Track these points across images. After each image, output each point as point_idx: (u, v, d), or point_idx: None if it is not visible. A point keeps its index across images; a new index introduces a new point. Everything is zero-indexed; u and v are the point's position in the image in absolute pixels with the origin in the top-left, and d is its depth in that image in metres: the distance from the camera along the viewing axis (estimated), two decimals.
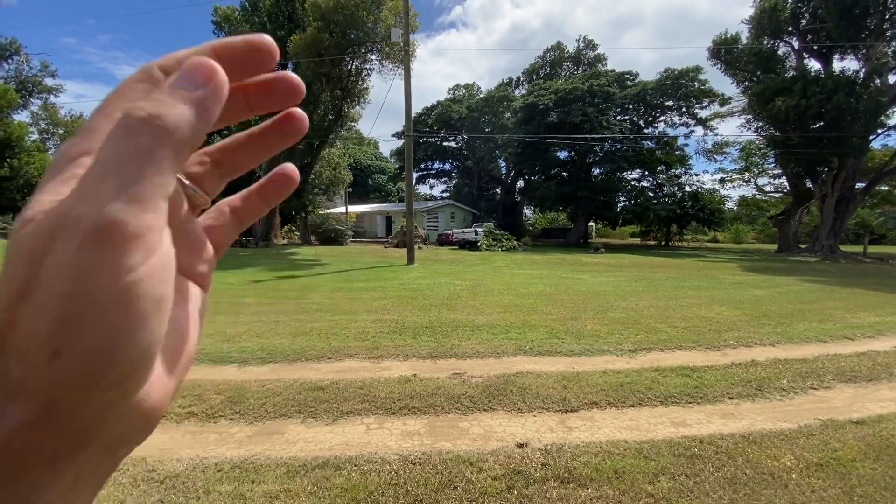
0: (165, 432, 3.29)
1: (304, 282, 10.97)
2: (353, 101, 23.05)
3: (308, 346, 5.39)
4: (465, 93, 43.79)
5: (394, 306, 7.84)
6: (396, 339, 5.76)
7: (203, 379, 4.30)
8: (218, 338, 5.70)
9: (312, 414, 3.60)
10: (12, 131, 30.81)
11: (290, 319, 6.74)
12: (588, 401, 3.91)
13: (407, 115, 15.63)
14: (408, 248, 15.72)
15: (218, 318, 6.76)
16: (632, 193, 34.43)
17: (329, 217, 27.77)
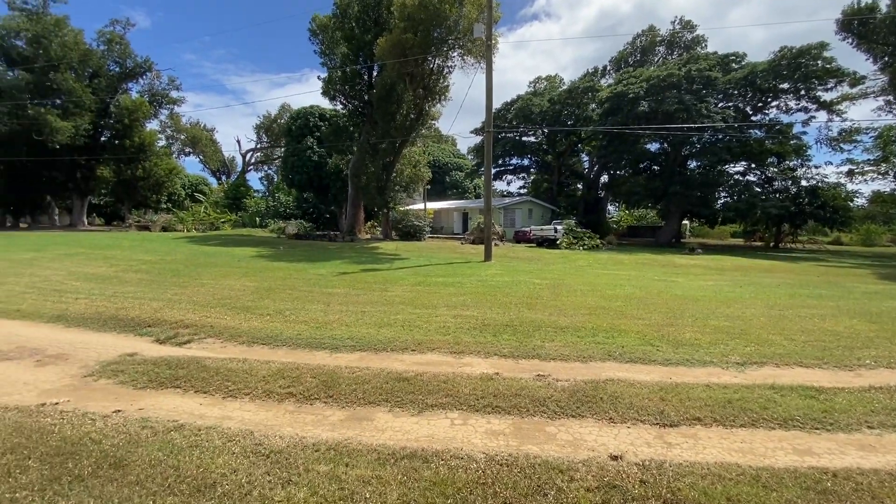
0: (269, 409, 3.58)
1: (386, 275, 11.40)
2: (434, 100, 23.44)
3: (392, 337, 5.57)
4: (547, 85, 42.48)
5: (473, 302, 7.84)
6: (477, 335, 5.74)
7: (300, 362, 4.62)
8: (312, 325, 6.11)
9: (399, 404, 3.70)
10: (145, 138, 35.90)
11: (375, 310, 7.03)
12: (690, 416, 3.56)
13: (487, 109, 15.53)
14: (485, 244, 15.66)
15: (311, 306, 7.26)
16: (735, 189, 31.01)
17: (408, 213, 28.61)
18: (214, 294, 8.10)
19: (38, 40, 30.11)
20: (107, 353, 4.83)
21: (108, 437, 2.95)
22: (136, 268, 11.54)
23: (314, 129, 32.19)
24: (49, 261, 12.77)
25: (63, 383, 4.00)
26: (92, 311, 6.54)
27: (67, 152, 30.78)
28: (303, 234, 27.10)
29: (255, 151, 62.24)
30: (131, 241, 20.86)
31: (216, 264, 12.77)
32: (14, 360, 4.58)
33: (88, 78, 33.14)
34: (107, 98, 33.83)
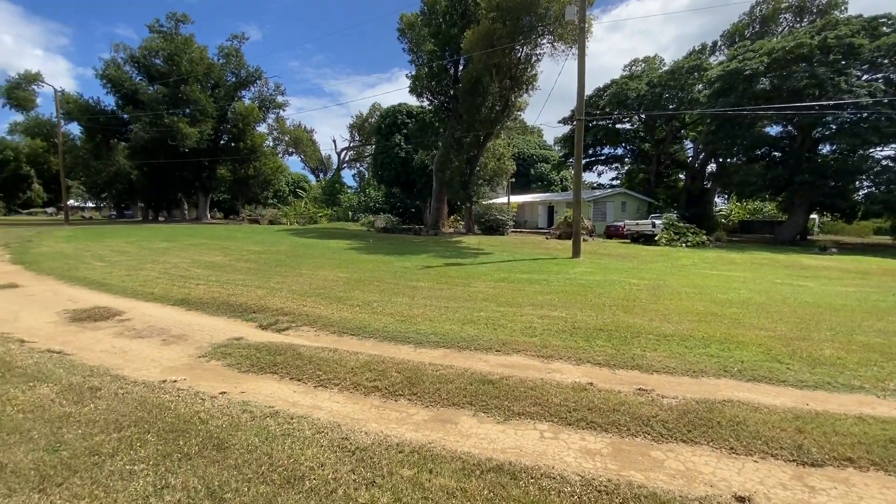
0: (356, 402, 3.61)
1: (469, 270, 11.29)
2: (520, 90, 22.78)
3: (476, 335, 5.40)
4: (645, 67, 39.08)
5: (561, 302, 7.38)
6: (566, 339, 5.34)
7: (386, 356, 4.65)
8: (397, 318, 6.17)
9: (484, 408, 3.51)
10: (256, 140, 39.88)
11: (459, 306, 6.92)
12: (838, 455, 2.90)
13: (579, 96, 14.63)
14: (573, 239, 14.84)
15: (397, 299, 7.37)
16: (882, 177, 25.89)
17: (491, 207, 28.27)
18: (311, 284, 8.62)
19: (171, 58, 34.84)
20: (218, 335, 5.30)
21: (214, 418, 3.16)
22: (245, 257, 12.79)
23: (402, 126, 33.20)
24: (178, 250, 14.68)
25: (181, 362, 4.44)
26: (208, 297, 7.29)
27: (194, 155, 35.32)
28: (390, 228, 28.17)
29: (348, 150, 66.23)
30: (243, 233, 23.31)
31: (313, 256, 13.69)
32: (146, 339, 5.21)
33: (210, 88, 37.62)
34: (225, 105, 38.16)
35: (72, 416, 3.11)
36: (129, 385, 3.73)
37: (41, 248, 14.34)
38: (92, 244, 16.18)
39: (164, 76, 34.66)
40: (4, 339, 4.88)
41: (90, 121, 36.34)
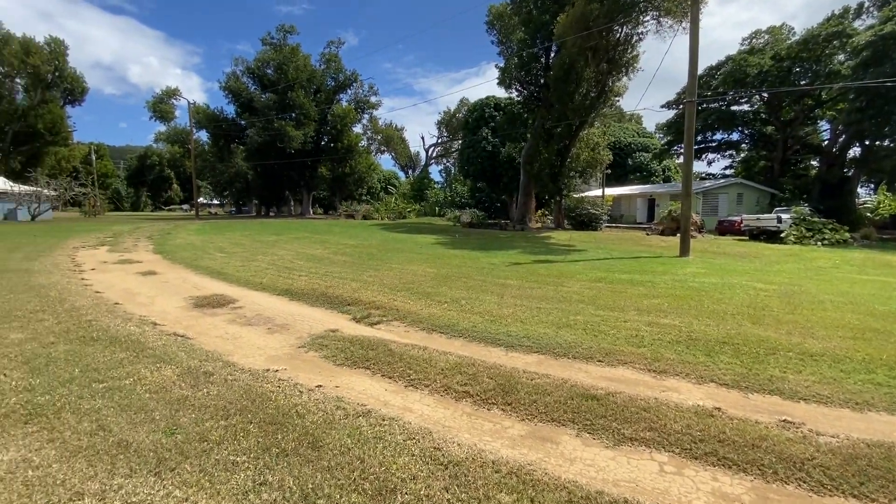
0: (447, 408, 3.43)
1: (561, 268, 10.66)
2: (618, 73, 21.11)
3: (574, 341, 4.94)
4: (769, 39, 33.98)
5: (671, 308, 6.56)
6: (682, 352, 4.66)
7: (476, 358, 4.43)
8: (486, 317, 5.93)
9: (588, 428, 3.11)
10: (352, 140, 42.30)
11: (552, 307, 6.47)
12: None
13: (691, 74, 13.04)
14: (682, 236, 13.33)
15: (485, 297, 7.13)
16: None
17: (583, 201, 26.73)
18: (401, 278, 8.74)
19: (280, 67, 38.24)
20: (316, 327, 5.51)
21: (310, 413, 3.18)
22: (342, 251, 13.49)
23: (489, 119, 32.84)
24: (284, 243, 15.99)
25: (283, 352, 4.64)
26: (309, 288, 7.71)
27: (299, 156, 38.51)
28: (476, 223, 28.07)
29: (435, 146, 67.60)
30: (340, 228, 24.83)
31: (402, 250, 14.02)
32: (254, 326, 5.58)
33: (313, 93, 40.66)
34: (325, 108, 41.00)
35: (188, 400, 3.34)
36: (237, 372, 3.96)
37: (176, 240, 16.55)
38: (215, 237, 18.34)
39: (273, 84, 38.23)
40: (141, 322, 5.54)
41: (215, 128, 41.44)
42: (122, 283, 8.24)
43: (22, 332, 4.96)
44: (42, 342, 4.62)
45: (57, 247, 13.61)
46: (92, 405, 3.21)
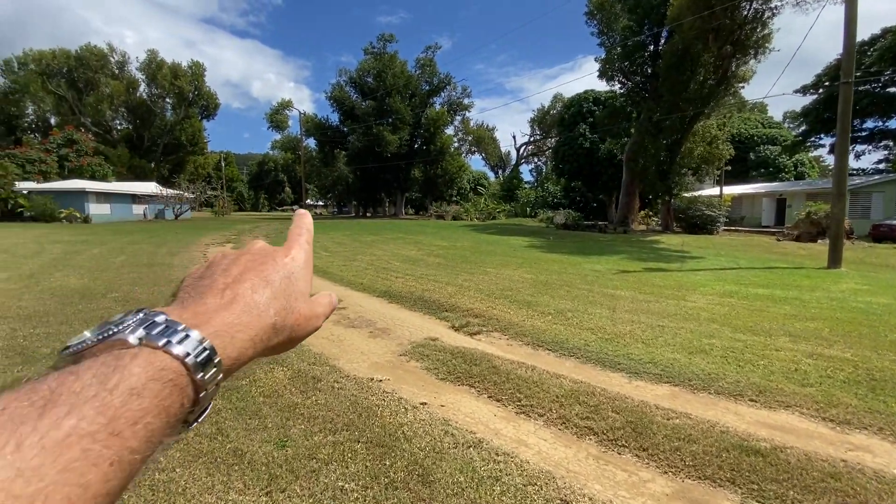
0: (568, 445, 2.97)
1: (678, 278, 9.45)
2: (744, 56, 18.48)
3: (713, 371, 4.15)
4: None
5: (836, 335, 5.31)
6: (865, 396, 3.65)
7: (594, 384, 3.88)
8: (599, 334, 5.30)
9: (757, 496, 2.45)
10: (444, 142, 42.97)
11: (677, 326, 5.62)
12: None
13: (847, 51, 10.80)
14: (832, 243, 11.10)
15: (594, 310, 6.46)
16: None
17: (696, 200, 23.93)
18: (497, 284, 8.37)
19: (379, 75, 40.14)
20: (416, 333, 5.36)
21: (417, 437, 2.94)
22: (435, 253, 13.52)
23: (587, 114, 31.09)
24: (381, 243, 16.55)
25: (385, 359, 4.53)
26: (406, 291, 7.69)
27: (394, 159, 40.11)
28: (571, 224, 26.69)
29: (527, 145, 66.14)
30: (431, 229, 25.24)
31: (495, 253, 13.65)
32: (356, 329, 5.61)
33: (408, 98, 42.07)
34: (419, 112, 42.20)
35: (298, 408, 3.30)
36: (343, 379, 3.89)
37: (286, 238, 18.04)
38: (320, 236, 19.66)
39: (373, 91, 40.30)
40: None
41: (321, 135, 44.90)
42: None
43: None
44: None
45: (192, 243, 15.55)
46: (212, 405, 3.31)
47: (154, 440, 0.27)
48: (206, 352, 0.31)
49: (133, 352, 0.29)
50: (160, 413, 0.28)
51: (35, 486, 0.21)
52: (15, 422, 0.23)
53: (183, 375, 0.30)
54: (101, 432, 0.24)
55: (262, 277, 0.39)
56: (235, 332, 0.35)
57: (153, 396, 0.27)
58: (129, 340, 0.30)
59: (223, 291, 0.37)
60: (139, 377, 0.27)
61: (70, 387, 0.25)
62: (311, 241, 0.49)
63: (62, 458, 0.22)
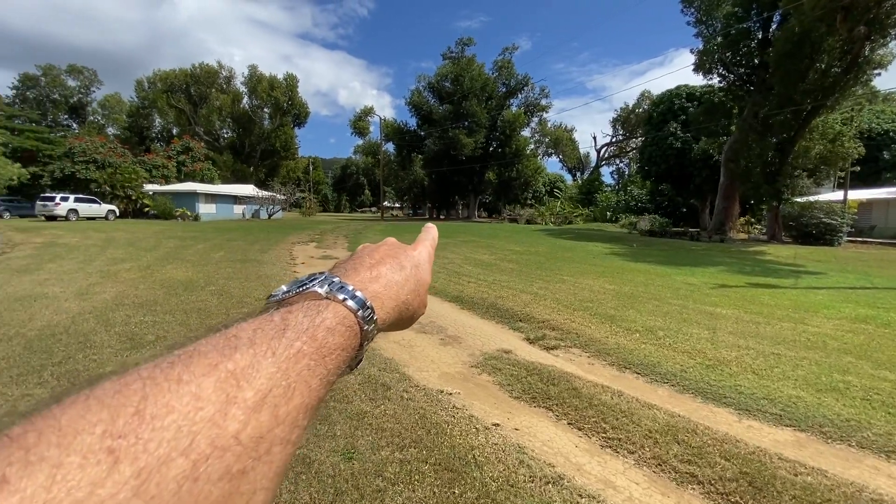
0: (666, 493, 2.53)
1: (794, 296, 8.17)
2: (883, 37, 15.72)
3: (854, 417, 3.38)
4: None
5: None
6: None
7: (696, 421, 3.34)
8: (699, 359, 4.64)
9: None
10: (520, 144, 42.19)
11: (797, 356, 4.75)
12: None
13: None
14: None
15: (690, 329, 5.72)
16: None
17: (811, 206, 20.84)
18: (575, 294, 7.83)
19: (457, 79, 40.48)
20: (488, 343, 5.10)
21: (489, 463, 2.68)
22: (508, 257, 13.14)
23: (678, 112, 28.66)
24: (454, 246, 16.50)
25: (455, 370, 4.32)
26: (478, 297, 7.45)
27: (469, 162, 40.20)
28: (657, 231, 24.69)
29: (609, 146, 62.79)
30: (505, 232, 24.79)
31: (573, 259, 12.93)
32: (427, 334, 5.48)
33: (485, 101, 41.95)
34: (495, 115, 41.90)
35: (366, 417, 3.20)
36: (413, 389, 3.75)
37: (365, 240, 18.66)
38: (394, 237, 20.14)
39: (450, 96, 40.77)
40: None
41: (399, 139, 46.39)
42: None
43: None
44: None
45: (281, 241, 16.70)
46: None
47: (340, 369, 0.35)
48: (369, 309, 0.39)
49: (325, 302, 0.37)
50: (345, 349, 0.35)
51: (287, 381, 0.29)
52: (268, 337, 0.31)
53: (356, 325, 0.37)
54: (315, 354, 0.32)
55: (398, 263, 0.48)
56: (384, 300, 0.42)
57: (341, 336, 0.35)
58: (319, 292, 0.38)
59: (371, 269, 0.45)
60: (331, 321, 0.35)
61: (292, 320, 0.33)
62: (434, 246, 0.59)
63: (297, 366, 0.30)
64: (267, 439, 0.27)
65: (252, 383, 0.27)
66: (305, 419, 0.30)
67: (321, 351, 0.32)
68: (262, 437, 0.26)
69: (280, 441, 0.27)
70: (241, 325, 0.32)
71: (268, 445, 0.27)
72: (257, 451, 0.26)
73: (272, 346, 0.30)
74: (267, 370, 0.29)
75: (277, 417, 0.28)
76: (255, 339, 0.30)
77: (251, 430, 0.26)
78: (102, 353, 4.39)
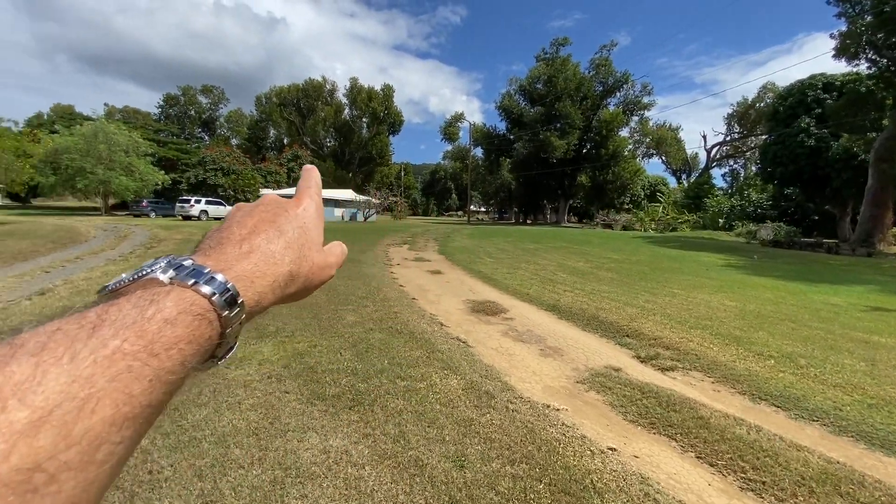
0: None
1: None
2: None
3: None
4: None
5: None
6: None
7: (858, 468, 2.78)
8: (855, 394, 3.90)
9: None
10: (617, 145, 39.84)
11: None
12: None
13: None
14: None
15: (840, 359, 4.85)
16: None
17: None
18: (689, 309, 7.10)
19: (549, 80, 39.50)
20: (593, 358, 4.80)
21: (610, 492, 2.48)
22: (606, 266, 12.40)
23: (812, 105, 24.87)
24: (544, 252, 16.04)
25: (560, 384, 4.12)
26: (577, 307, 7.10)
27: (559, 164, 38.93)
28: (782, 241, 21.62)
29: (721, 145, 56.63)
30: (599, 239, 23.53)
31: (682, 270, 11.80)
32: (525, 343, 5.32)
33: (579, 101, 40.37)
34: (590, 115, 40.09)
35: (473, 425, 3.17)
36: (517, 401, 3.64)
37: (454, 243, 18.96)
38: (483, 242, 20.17)
39: (542, 98, 39.93)
40: (431, 321, 6.09)
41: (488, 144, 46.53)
42: (416, 279, 9.66)
43: (353, 314, 6.16)
44: (365, 327, 5.56)
45: (376, 243, 17.61)
46: (395, 405, 3.42)
47: (187, 364, 0.30)
48: (229, 292, 0.34)
49: (166, 289, 0.32)
50: (191, 341, 0.31)
51: (88, 391, 0.24)
52: (69, 338, 0.26)
53: (210, 311, 0.33)
54: (142, 352, 0.27)
55: (276, 228, 0.42)
56: (254, 279, 0.37)
57: (185, 326, 0.31)
58: (161, 279, 0.33)
59: (241, 243, 0.39)
60: (171, 310, 0.30)
61: (113, 314, 0.29)
62: (320, 194, 0.53)
63: (110, 370, 0.26)
64: (47, 468, 0.22)
65: (28, 400, 0.22)
66: (125, 431, 0.26)
67: (152, 347, 0.28)
68: (37, 466, 0.21)
69: (76, 466, 0.23)
70: (37, 329, 0.27)
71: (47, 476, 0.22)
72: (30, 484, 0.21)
73: (73, 349, 0.25)
74: (55, 381, 0.24)
75: (69, 438, 0.23)
76: (49, 344, 0.25)
77: (18, 461, 0.21)
78: None
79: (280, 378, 3.86)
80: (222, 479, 2.44)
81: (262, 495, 2.32)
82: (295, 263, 0.41)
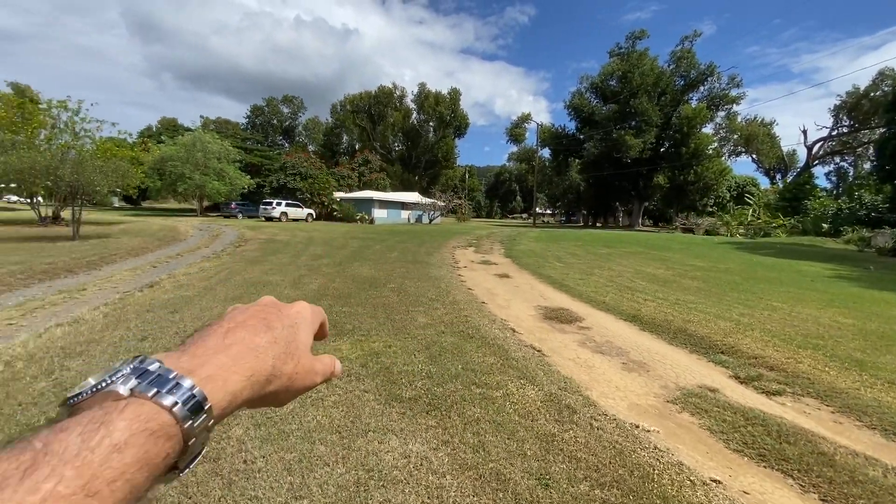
0: None
1: None
2: None
3: None
4: None
5: None
6: None
7: None
8: None
9: None
10: (700, 142, 36.86)
11: None
12: None
13: None
14: None
15: None
16: None
17: None
18: (793, 326, 6.30)
19: (624, 76, 37.53)
20: (683, 376, 4.39)
21: None
22: (690, 274, 11.45)
23: None
24: (618, 257, 15.19)
25: (648, 402, 3.81)
26: (660, 318, 6.59)
27: (634, 165, 36.83)
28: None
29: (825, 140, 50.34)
30: (678, 244, 21.88)
31: (780, 281, 10.58)
32: (605, 356, 5.01)
33: (657, 97, 37.93)
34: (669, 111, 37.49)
35: (555, 440, 3.00)
36: (601, 417, 3.41)
37: (520, 246, 18.60)
38: (551, 245, 19.57)
39: (616, 95, 38.06)
40: (503, 326, 5.95)
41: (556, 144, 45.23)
42: (484, 282, 9.56)
43: (424, 316, 6.20)
44: (436, 329, 5.56)
45: (443, 245, 17.76)
46: (472, 413, 3.35)
47: (138, 492, 0.28)
48: (194, 399, 0.32)
49: (122, 404, 0.30)
50: (142, 467, 0.28)
51: None
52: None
53: (171, 425, 0.31)
54: (78, 494, 0.25)
55: (264, 323, 0.41)
56: (230, 374, 0.36)
57: (137, 449, 0.28)
58: (120, 392, 0.31)
59: (225, 334, 0.39)
60: (123, 432, 0.28)
61: (56, 446, 0.27)
62: (322, 313, 0.55)
63: None
64: None
65: None
66: None
67: (91, 486, 0.25)
68: None
69: None
70: None
71: None
72: None
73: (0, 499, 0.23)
74: None
75: None
76: None
77: None
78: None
79: (359, 377, 3.95)
80: (309, 476, 2.51)
81: (347, 496, 2.35)
82: (279, 359, 0.40)
